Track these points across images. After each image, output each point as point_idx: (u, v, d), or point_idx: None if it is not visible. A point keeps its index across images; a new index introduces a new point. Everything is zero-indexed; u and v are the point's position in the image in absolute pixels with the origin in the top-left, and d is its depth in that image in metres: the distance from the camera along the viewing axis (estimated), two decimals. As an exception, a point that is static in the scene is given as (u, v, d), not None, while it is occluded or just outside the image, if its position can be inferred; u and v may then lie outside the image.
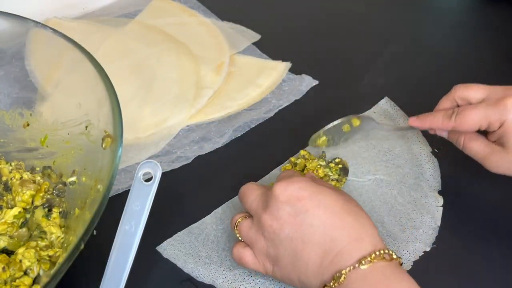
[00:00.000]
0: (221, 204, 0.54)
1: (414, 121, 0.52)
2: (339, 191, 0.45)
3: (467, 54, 0.73)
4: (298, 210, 0.41)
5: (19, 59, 0.55)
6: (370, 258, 0.38)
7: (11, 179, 0.51)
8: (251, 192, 0.45)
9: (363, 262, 0.38)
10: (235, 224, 0.45)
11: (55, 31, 0.50)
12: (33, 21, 0.52)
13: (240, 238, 0.45)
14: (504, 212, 0.54)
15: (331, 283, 0.39)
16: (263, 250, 0.43)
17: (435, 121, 0.50)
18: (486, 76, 0.54)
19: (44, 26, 0.51)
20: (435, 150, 0.59)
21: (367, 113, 0.63)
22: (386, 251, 0.39)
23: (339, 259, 0.39)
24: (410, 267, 0.48)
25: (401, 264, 0.41)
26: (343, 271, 0.38)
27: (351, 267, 0.38)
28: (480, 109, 0.47)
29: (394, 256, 0.40)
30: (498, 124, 0.46)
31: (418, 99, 0.63)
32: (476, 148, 0.49)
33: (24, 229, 0.46)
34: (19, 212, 0.47)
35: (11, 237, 0.46)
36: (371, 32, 0.78)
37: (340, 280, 0.38)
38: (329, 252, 0.40)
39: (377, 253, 0.39)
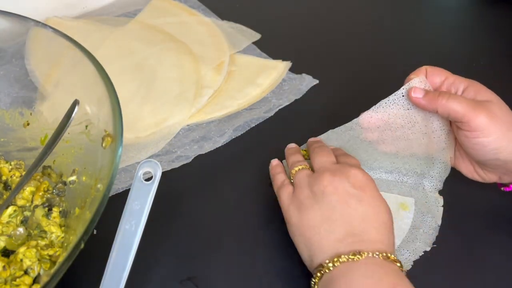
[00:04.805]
0: (222, 204, 0.54)
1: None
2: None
3: (467, 54, 0.73)
4: (355, 195, 0.45)
5: (19, 58, 0.55)
6: (383, 255, 0.42)
7: (11, 177, 0.51)
8: (324, 154, 0.50)
9: (379, 255, 0.42)
10: (295, 168, 0.50)
11: (55, 30, 0.50)
12: (33, 20, 0.51)
13: (291, 177, 0.50)
14: (504, 212, 0.54)
15: (346, 256, 0.42)
16: (302, 196, 0.47)
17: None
18: (486, 76, 0.54)
19: (44, 25, 0.51)
20: (435, 150, 0.59)
21: (366, 113, 0.63)
22: (399, 264, 0.42)
23: (360, 244, 0.43)
24: (410, 266, 0.48)
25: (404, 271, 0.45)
26: (364, 252, 0.42)
27: (371, 253, 0.42)
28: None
29: (402, 268, 0.43)
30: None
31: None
32: (456, 104, 0.45)
33: (22, 228, 0.46)
34: (14, 211, 0.47)
35: (9, 236, 0.46)
36: (371, 32, 0.78)
37: (356, 257, 0.41)
38: (354, 235, 0.43)
39: (392, 256, 0.42)
